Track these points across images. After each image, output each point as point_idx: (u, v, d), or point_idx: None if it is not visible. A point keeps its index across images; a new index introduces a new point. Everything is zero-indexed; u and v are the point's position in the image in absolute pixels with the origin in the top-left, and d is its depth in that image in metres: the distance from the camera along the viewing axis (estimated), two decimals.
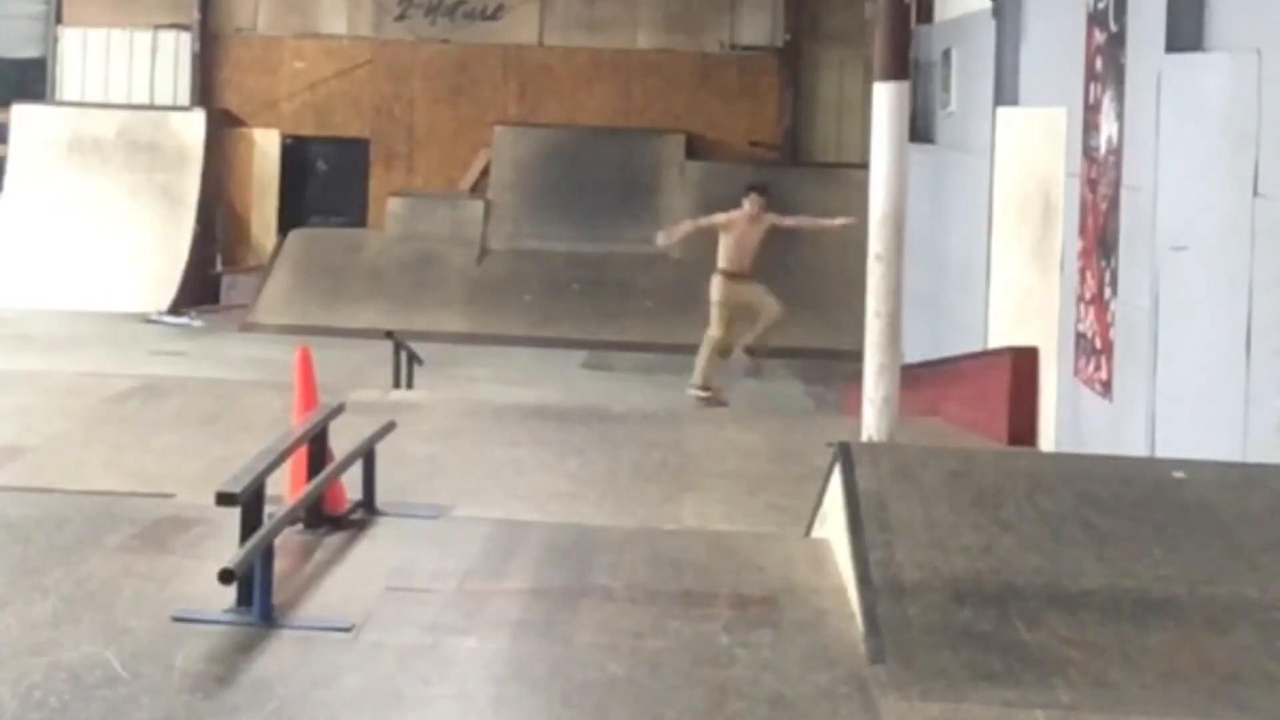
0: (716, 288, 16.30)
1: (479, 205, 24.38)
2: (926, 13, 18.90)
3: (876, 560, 6.82)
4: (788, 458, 10.28)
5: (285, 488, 7.98)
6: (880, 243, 10.46)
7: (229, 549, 6.73)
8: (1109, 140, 11.57)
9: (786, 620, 6.79)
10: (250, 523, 6.82)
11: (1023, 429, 13.25)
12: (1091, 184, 11.97)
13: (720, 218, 16.40)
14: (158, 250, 23.84)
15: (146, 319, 22.53)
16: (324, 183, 25.78)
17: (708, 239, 16.84)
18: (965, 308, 16.12)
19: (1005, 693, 5.93)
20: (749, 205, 16.41)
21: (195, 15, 25.29)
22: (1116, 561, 6.91)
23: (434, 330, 21.08)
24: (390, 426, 8.80)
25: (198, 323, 22.66)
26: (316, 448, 7.97)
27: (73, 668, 5.95)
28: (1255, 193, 8.93)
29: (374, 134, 25.58)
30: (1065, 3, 12.94)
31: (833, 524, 7.73)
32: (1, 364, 15.95)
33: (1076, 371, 12.24)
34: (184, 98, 25.36)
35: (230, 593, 6.51)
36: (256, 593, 6.53)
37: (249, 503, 6.83)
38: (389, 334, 17.32)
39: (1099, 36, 11.91)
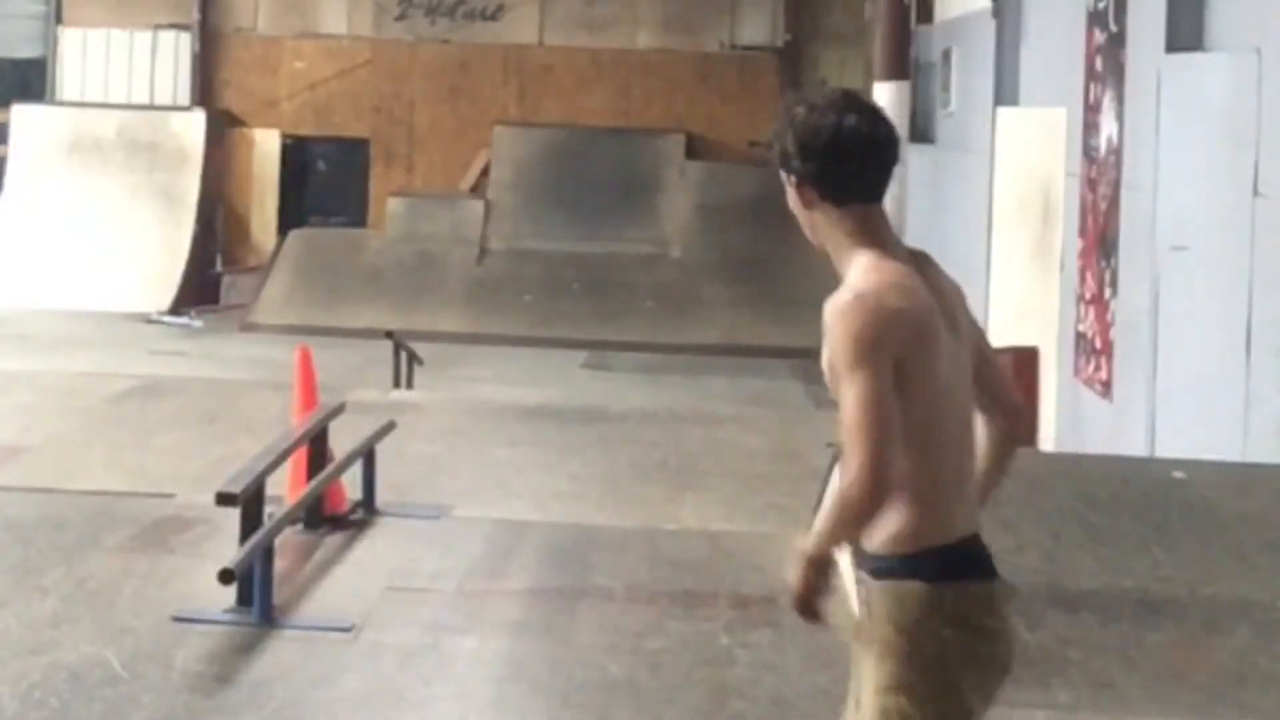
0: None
1: (479, 205, 24.37)
2: (926, 13, 18.91)
3: None
4: (788, 458, 10.23)
5: (285, 488, 7.97)
6: None
7: (229, 549, 6.72)
8: (1109, 140, 11.57)
9: (786, 620, 6.77)
10: (250, 523, 6.81)
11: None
12: (1091, 184, 11.97)
13: None
14: (158, 250, 23.83)
15: (147, 319, 22.52)
16: (324, 183, 25.77)
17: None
18: None
19: (1005, 693, 5.92)
20: None
21: (195, 15, 25.28)
22: (1116, 561, 6.91)
23: (434, 330, 21.06)
24: (390, 426, 8.79)
25: (198, 323, 22.64)
26: (316, 448, 7.97)
27: (73, 668, 5.95)
28: (1255, 193, 8.93)
29: (374, 134, 25.57)
30: (1065, 3, 12.94)
31: None
32: (1, 364, 15.93)
33: (1076, 371, 12.23)
34: (184, 98, 25.35)
35: (230, 593, 6.50)
36: (256, 593, 6.53)
37: (249, 503, 6.83)
38: (389, 334, 17.31)
39: (1099, 36, 11.91)
